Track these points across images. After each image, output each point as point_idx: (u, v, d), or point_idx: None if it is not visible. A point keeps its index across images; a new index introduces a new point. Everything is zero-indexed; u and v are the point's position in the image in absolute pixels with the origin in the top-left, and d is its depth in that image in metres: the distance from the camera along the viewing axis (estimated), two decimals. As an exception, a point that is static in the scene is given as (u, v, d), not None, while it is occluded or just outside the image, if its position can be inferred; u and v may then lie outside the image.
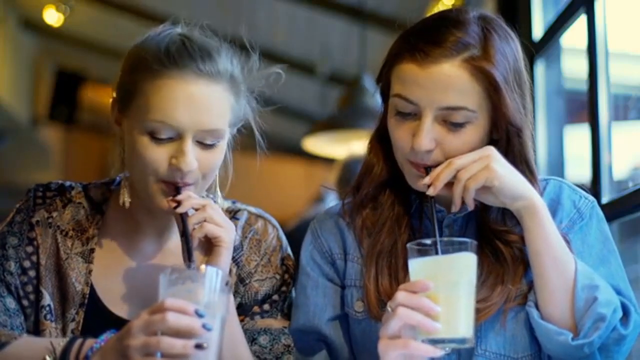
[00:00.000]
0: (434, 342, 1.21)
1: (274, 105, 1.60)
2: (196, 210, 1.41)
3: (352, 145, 4.38)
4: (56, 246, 1.51)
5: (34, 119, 7.64)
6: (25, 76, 7.43)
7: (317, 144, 4.72)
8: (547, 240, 1.34)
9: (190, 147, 1.39)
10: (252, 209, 1.63)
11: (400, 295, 1.23)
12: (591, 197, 1.48)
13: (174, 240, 1.54)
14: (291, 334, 1.52)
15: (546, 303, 1.34)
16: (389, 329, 1.23)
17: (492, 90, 1.34)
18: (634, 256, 2.32)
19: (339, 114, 4.55)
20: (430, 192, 1.35)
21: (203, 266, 1.27)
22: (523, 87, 1.40)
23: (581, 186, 1.51)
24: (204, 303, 1.21)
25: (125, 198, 1.50)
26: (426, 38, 1.35)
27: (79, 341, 1.33)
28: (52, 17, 5.46)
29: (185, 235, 1.39)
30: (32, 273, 1.50)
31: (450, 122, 1.35)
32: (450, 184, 1.35)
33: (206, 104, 1.40)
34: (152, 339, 1.18)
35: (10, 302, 1.48)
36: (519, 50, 1.41)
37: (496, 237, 1.41)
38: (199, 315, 1.19)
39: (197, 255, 1.40)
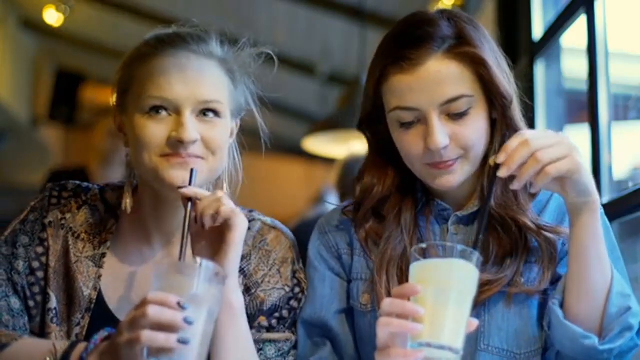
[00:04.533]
0: (421, 345, 1.16)
1: (274, 105, 1.61)
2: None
3: (352, 145, 4.38)
4: (67, 248, 1.51)
5: (34, 119, 7.63)
6: (25, 76, 7.42)
7: (317, 144, 4.72)
8: (597, 238, 1.34)
9: (189, 119, 1.41)
10: (267, 220, 1.61)
11: (384, 303, 1.21)
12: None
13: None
14: (297, 327, 1.52)
15: (577, 301, 1.34)
16: (379, 340, 1.22)
17: (482, 69, 1.37)
18: (633, 256, 2.31)
19: (339, 114, 4.54)
20: (503, 173, 1.27)
21: (190, 258, 1.26)
22: (501, 63, 1.44)
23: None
24: (190, 295, 1.19)
25: (128, 203, 1.50)
26: (404, 44, 1.37)
27: (80, 345, 1.32)
28: (52, 17, 5.45)
29: (183, 228, 1.34)
30: (40, 274, 1.49)
31: (453, 114, 1.37)
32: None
33: (200, 75, 1.43)
34: (135, 334, 1.16)
35: (15, 303, 1.47)
36: (486, 32, 1.45)
37: (509, 217, 1.42)
38: (182, 307, 1.16)
39: (190, 256, 1.36)
